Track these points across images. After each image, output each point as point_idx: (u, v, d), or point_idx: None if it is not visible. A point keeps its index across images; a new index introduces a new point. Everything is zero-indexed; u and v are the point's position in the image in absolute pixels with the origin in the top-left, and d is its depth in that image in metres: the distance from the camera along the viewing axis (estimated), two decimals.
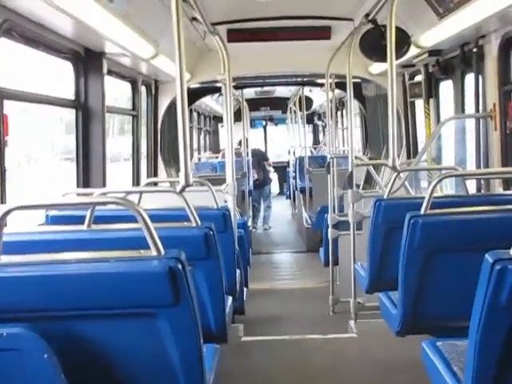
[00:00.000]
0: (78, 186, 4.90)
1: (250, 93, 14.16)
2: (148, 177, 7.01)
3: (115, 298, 1.95)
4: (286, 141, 15.37)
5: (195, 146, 13.48)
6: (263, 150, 15.69)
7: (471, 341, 1.96)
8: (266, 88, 13.38)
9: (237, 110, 10.70)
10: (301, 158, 11.11)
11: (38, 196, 2.26)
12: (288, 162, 14.59)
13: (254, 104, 15.64)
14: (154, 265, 1.96)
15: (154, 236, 2.02)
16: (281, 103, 15.38)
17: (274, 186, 12.21)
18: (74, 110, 4.92)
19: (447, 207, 3.17)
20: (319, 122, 17.99)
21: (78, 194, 4.50)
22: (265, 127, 19.51)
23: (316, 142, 17.96)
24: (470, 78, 5.17)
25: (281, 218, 13.10)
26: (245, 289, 4.79)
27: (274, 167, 14.20)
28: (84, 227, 3.10)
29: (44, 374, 1.78)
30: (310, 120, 18.07)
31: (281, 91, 14.38)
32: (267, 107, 17.01)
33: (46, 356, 1.77)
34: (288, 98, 14.23)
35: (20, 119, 5.43)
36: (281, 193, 15.81)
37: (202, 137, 14.62)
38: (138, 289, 1.94)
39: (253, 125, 19.02)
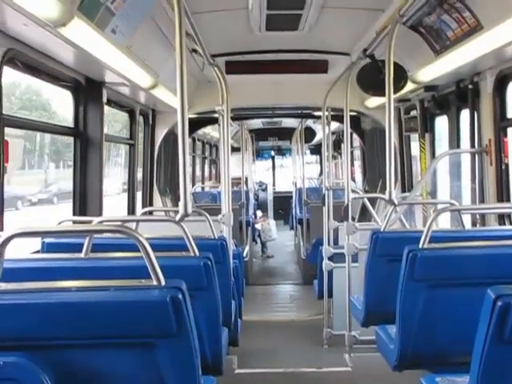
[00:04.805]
0: (74, 214, 4.88)
1: (257, 123, 14.08)
2: (143, 206, 6.99)
3: (115, 328, 1.93)
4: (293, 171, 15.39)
5: (199, 174, 13.50)
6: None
7: (472, 377, 1.95)
8: (273, 118, 13.30)
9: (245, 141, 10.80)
10: (300, 189, 11.14)
11: (35, 223, 2.25)
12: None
13: (261, 134, 15.59)
14: (156, 294, 1.95)
15: (155, 265, 2.01)
16: (288, 134, 15.26)
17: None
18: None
19: (444, 241, 3.18)
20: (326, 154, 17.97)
21: (75, 222, 4.48)
22: (273, 158, 19.45)
23: (322, 173, 17.98)
24: (465, 114, 5.23)
25: (283, 248, 13.08)
26: (239, 320, 4.75)
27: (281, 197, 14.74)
28: (81, 255, 3.09)
29: None
30: (316, 151, 18.04)
31: (288, 122, 14.23)
32: (275, 137, 16.92)
33: None
34: (295, 129, 14.26)
35: None
36: (286, 223, 15.80)
37: (206, 166, 14.63)
38: (139, 318, 1.93)
39: (261, 155, 19.05)
